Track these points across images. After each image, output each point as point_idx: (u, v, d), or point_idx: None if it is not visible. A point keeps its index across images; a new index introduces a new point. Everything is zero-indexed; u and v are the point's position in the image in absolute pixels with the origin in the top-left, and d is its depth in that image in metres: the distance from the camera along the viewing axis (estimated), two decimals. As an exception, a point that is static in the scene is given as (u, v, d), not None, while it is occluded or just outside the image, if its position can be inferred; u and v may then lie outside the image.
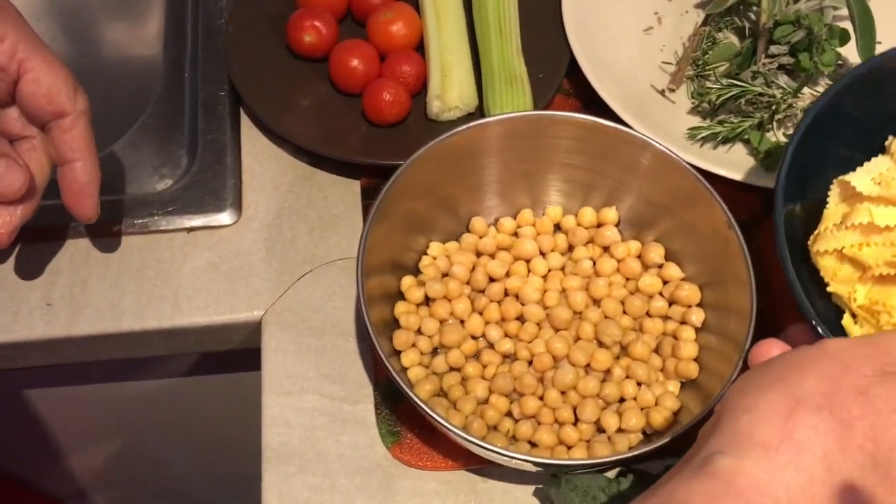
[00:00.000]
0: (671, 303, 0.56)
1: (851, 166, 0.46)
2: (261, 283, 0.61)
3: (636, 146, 0.56)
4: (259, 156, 0.67)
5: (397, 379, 0.48)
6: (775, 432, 0.33)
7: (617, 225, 0.59)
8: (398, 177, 0.53)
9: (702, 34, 0.68)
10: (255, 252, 0.63)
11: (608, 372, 0.54)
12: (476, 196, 0.60)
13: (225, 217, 0.64)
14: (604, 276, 0.57)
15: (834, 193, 0.46)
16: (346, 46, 0.66)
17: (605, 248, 0.59)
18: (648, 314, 0.56)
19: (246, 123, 0.68)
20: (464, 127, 0.55)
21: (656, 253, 0.57)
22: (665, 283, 0.57)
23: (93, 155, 0.55)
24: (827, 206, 0.46)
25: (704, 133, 0.62)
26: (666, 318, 0.56)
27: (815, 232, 0.46)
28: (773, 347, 0.42)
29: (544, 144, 0.57)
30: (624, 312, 0.56)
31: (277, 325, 0.60)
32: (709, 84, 0.65)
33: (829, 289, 0.46)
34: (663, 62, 0.68)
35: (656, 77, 0.68)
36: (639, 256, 0.58)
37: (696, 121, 0.65)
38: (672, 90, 0.67)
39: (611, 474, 0.52)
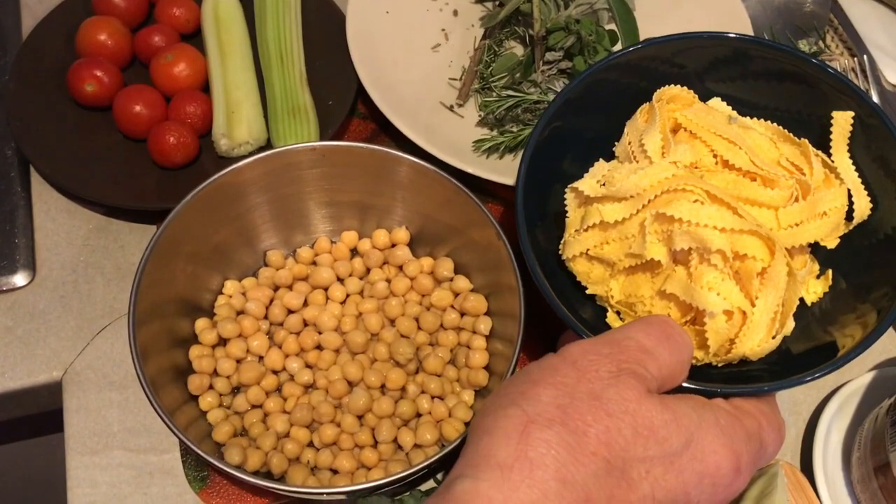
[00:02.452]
0: (463, 314, 0.57)
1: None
2: (59, 343, 0.60)
3: (400, 164, 0.57)
4: (51, 212, 0.65)
5: (176, 431, 0.47)
6: (511, 452, 0.34)
7: (410, 244, 0.60)
8: (168, 224, 0.53)
9: (482, 47, 0.69)
10: (52, 311, 0.61)
11: (403, 390, 0.54)
12: (269, 230, 0.60)
13: (18, 279, 0.62)
14: (398, 296, 0.58)
15: (570, 201, 0.48)
16: (128, 93, 0.65)
17: (400, 268, 0.60)
18: (443, 327, 0.57)
19: (37, 180, 0.67)
20: (224, 171, 0.55)
21: (445, 267, 0.58)
22: (456, 295, 0.58)
23: None
24: (567, 214, 0.48)
25: (488, 144, 0.64)
26: (459, 329, 0.57)
27: (562, 240, 0.48)
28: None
29: (318, 174, 0.58)
30: (420, 328, 0.57)
31: (78, 383, 0.59)
32: (493, 96, 0.67)
33: (588, 291, 0.48)
34: (451, 78, 0.70)
35: (446, 93, 0.69)
36: (431, 272, 0.59)
37: (485, 133, 0.66)
38: (460, 105, 0.68)
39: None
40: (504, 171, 0.63)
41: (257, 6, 0.71)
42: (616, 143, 0.50)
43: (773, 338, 0.45)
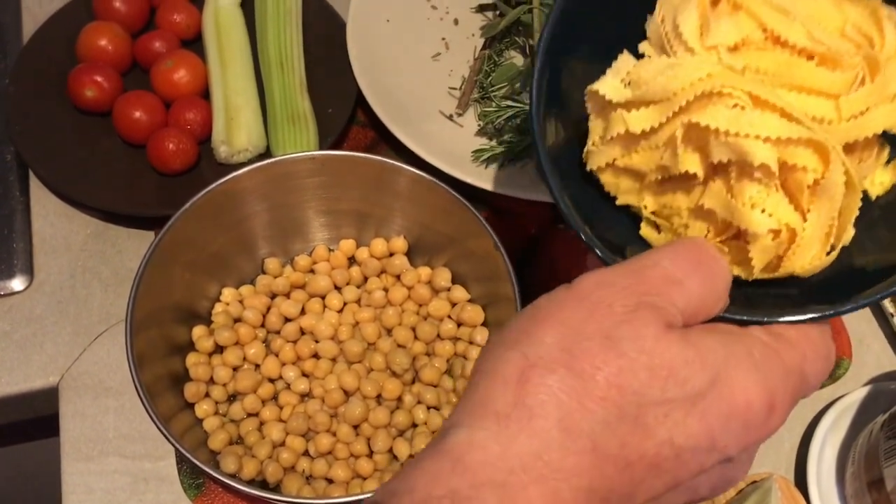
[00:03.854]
0: (460, 324, 0.57)
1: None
2: (55, 348, 0.60)
3: (399, 174, 0.57)
4: (50, 216, 0.65)
5: (171, 439, 0.47)
6: (509, 399, 0.30)
7: (408, 253, 0.60)
8: (166, 231, 0.53)
9: (483, 57, 0.69)
10: (49, 316, 0.61)
11: (400, 400, 0.55)
12: (267, 238, 0.60)
13: (16, 284, 0.62)
14: (395, 305, 0.58)
15: (591, 105, 0.40)
16: (128, 98, 0.65)
17: (397, 277, 0.60)
18: (440, 337, 0.57)
19: (36, 184, 0.67)
20: (223, 179, 0.55)
21: (443, 277, 0.58)
22: (453, 305, 0.58)
23: None
24: (590, 120, 0.40)
25: (487, 154, 0.64)
26: (456, 339, 0.57)
27: (585, 150, 0.40)
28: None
29: (316, 183, 0.58)
30: (416, 338, 0.57)
31: (74, 389, 0.59)
32: (493, 105, 0.67)
33: (617, 202, 0.41)
34: (450, 87, 0.70)
35: (445, 102, 0.69)
36: (429, 282, 0.59)
37: (484, 143, 0.66)
38: (459, 114, 0.68)
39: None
40: (503, 181, 0.63)
41: (258, 13, 0.71)
42: (649, 16, 0.41)
43: (828, 253, 0.38)
